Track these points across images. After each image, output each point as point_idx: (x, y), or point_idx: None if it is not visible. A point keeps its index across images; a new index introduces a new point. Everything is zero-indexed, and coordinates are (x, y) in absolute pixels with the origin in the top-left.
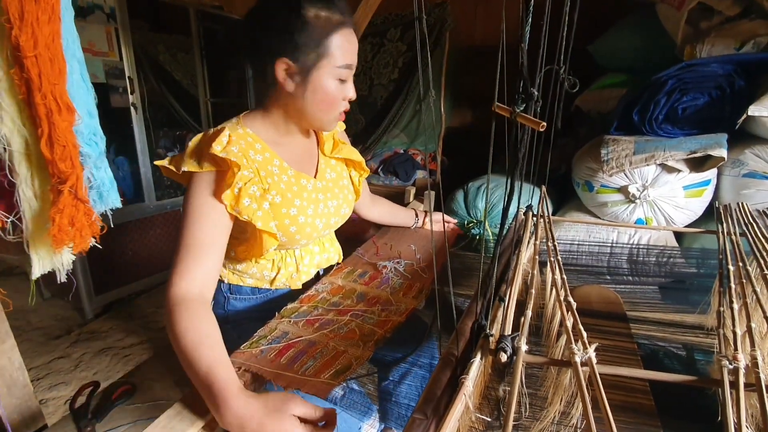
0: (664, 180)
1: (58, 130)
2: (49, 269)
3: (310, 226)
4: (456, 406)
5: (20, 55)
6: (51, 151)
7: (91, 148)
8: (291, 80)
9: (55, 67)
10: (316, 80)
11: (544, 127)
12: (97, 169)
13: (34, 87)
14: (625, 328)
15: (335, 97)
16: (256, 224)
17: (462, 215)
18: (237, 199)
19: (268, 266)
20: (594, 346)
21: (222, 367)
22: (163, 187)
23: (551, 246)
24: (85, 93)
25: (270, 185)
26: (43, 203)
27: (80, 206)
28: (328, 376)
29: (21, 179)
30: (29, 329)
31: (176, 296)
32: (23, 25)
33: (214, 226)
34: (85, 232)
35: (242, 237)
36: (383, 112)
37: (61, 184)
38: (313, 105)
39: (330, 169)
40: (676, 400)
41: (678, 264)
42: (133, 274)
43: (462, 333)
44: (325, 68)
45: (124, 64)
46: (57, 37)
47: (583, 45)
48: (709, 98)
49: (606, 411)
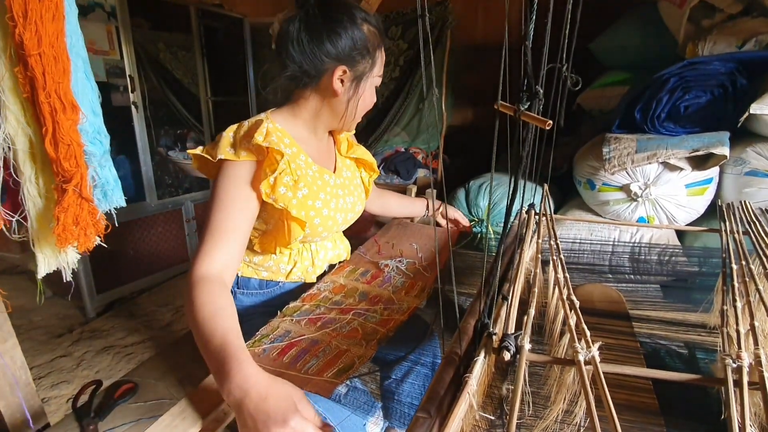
0: (666, 178)
1: (62, 129)
2: (54, 268)
3: (331, 219)
4: (460, 405)
5: (24, 54)
6: (55, 150)
7: (95, 146)
8: (342, 85)
9: (60, 65)
10: (363, 87)
11: (550, 125)
12: (102, 167)
13: (38, 85)
14: (627, 327)
15: (371, 103)
16: (291, 212)
17: (463, 213)
18: (273, 187)
19: (285, 259)
20: (597, 344)
21: (236, 336)
22: (164, 186)
23: (554, 244)
24: (89, 91)
25: (299, 177)
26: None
27: (85, 205)
28: (331, 375)
29: (25, 178)
30: (31, 328)
31: (196, 275)
32: (27, 23)
33: (241, 214)
34: (90, 231)
35: (265, 228)
36: (384, 110)
37: (66, 183)
38: (354, 109)
39: (345, 168)
40: (680, 399)
41: (680, 262)
42: (134, 272)
43: (465, 331)
44: (371, 78)
45: (125, 62)
46: (61, 35)
47: (584, 43)
48: (712, 96)
49: (610, 409)
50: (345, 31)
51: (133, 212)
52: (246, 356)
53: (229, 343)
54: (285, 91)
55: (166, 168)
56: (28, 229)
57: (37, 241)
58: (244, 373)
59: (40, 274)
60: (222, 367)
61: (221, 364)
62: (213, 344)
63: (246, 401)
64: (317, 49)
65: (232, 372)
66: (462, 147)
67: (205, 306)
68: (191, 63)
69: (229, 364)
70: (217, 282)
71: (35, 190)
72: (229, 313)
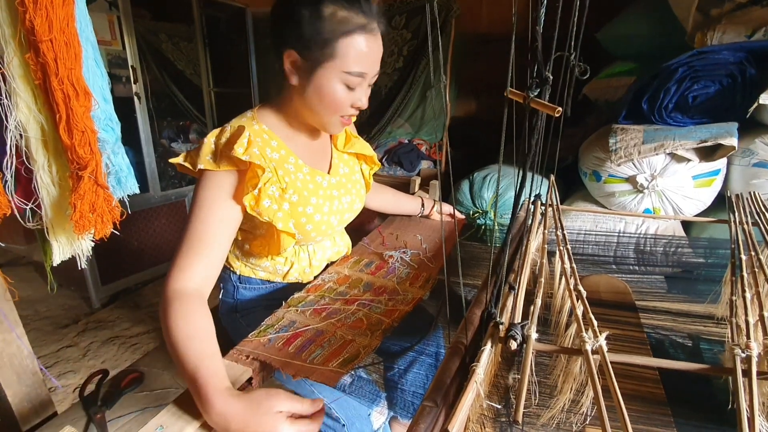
0: (674, 169)
1: (76, 116)
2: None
3: (325, 224)
4: (467, 394)
5: (35, 39)
6: (70, 137)
7: (107, 133)
8: (296, 74)
9: (71, 51)
10: (319, 80)
11: (560, 112)
12: (115, 154)
13: (51, 72)
14: (634, 318)
15: (339, 102)
16: (277, 225)
17: (467, 205)
18: (257, 200)
19: (282, 260)
20: (605, 334)
21: (210, 362)
22: (168, 178)
23: (560, 235)
24: (99, 78)
25: (287, 184)
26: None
27: (100, 192)
28: (336, 365)
29: (38, 166)
30: (37, 318)
31: (173, 290)
32: (37, 8)
33: (221, 224)
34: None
35: (257, 233)
36: (387, 101)
37: (81, 170)
38: (313, 104)
39: (343, 164)
40: (686, 389)
41: (686, 254)
42: (139, 264)
43: (471, 321)
44: (330, 70)
45: (127, 53)
46: (71, 21)
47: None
48: (720, 86)
49: (618, 399)
50: (295, 13)
51: (136, 204)
52: (218, 383)
53: (202, 372)
54: (276, 83)
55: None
56: (42, 218)
57: (51, 229)
58: (219, 408)
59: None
60: (198, 397)
61: (197, 393)
62: (187, 369)
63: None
64: (275, 33)
65: (209, 403)
66: (466, 138)
67: (180, 327)
68: (193, 54)
69: (205, 395)
70: (193, 298)
71: (48, 177)
72: (203, 335)
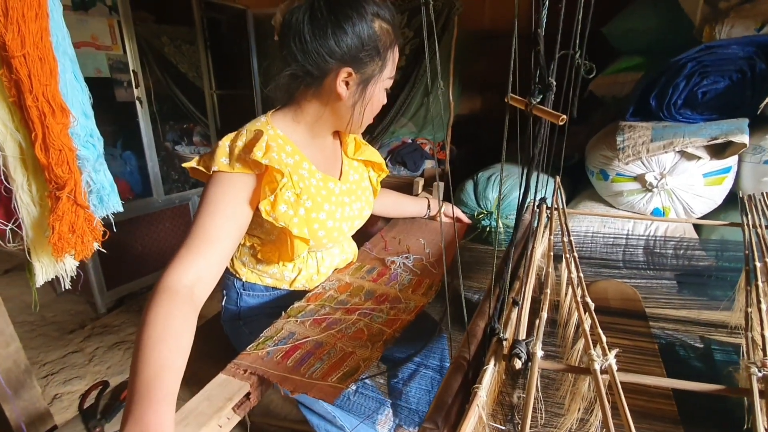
0: (683, 168)
1: (52, 134)
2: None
3: (337, 230)
4: (469, 419)
5: (7, 55)
6: (46, 156)
7: (88, 150)
8: (346, 88)
9: (46, 66)
10: (371, 91)
11: (564, 120)
12: (96, 172)
13: (25, 88)
14: (644, 327)
15: (380, 105)
16: (292, 231)
17: (471, 206)
18: (273, 205)
19: (290, 267)
20: (614, 352)
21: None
22: (171, 181)
23: (566, 241)
24: (79, 93)
25: (302, 190)
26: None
27: (80, 212)
28: (335, 380)
29: (17, 185)
30: (43, 324)
31: (164, 284)
32: (8, 22)
33: (227, 224)
34: (87, 238)
35: (267, 239)
36: (391, 101)
37: (59, 190)
38: (361, 115)
39: (353, 171)
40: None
41: (696, 256)
42: (143, 268)
43: (473, 334)
44: (380, 80)
45: (128, 57)
46: (45, 35)
47: (596, 27)
48: (730, 82)
49: (627, 421)
50: (352, 28)
51: (140, 208)
52: (164, 407)
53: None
54: (288, 90)
55: (173, 163)
56: (23, 238)
57: (33, 250)
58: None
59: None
60: (134, 403)
61: (137, 400)
62: (142, 373)
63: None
64: (320, 48)
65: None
66: (470, 137)
67: (155, 326)
68: (195, 56)
69: (142, 407)
70: (182, 297)
71: (28, 197)
72: (174, 343)
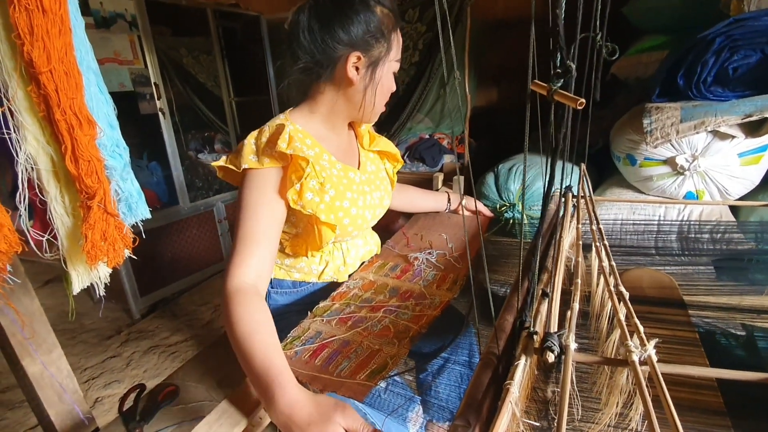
0: (717, 148)
1: (81, 145)
2: (88, 284)
3: (361, 218)
4: (502, 417)
5: (35, 71)
6: (76, 167)
7: (115, 160)
8: (356, 72)
9: (71, 80)
10: (380, 73)
11: (583, 104)
12: (124, 180)
13: (53, 103)
14: (683, 316)
15: (390, 89)
16: (320, 217)
17: (493, 199)
18: (300, 194)
19: (316, 260)
20: (653, 342)
21: (278, 355)
22: (195, 189)
23: (595, 229)
24: (104, 104)
25: (324, 179)
26: (75, 219)
27: (110, 220)
28: (364, 377)
29: (51, 197)
30: (83, 331)
31: (232, 287)
32: (34, 39)
33: (269, 220)
34: (118, 245)
35: (294, 232)
36: (406, 97)
37: (90, 200)
38: (373, 97)
39: (370, 162)
40: (746, 394)
41: (735, 239)
42: (174, 274)
43: (502, 329)
44: (387, 62)
45: (149, 70)
46: (70, 50)
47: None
48: (762, 55)
49: (671, 414)
50: (357, 15)
51: (167, 216)
52: (287, 378)
53: (271, 365)
54: (301, 87)
55: (197, 171)
56: (59, 248)
57: (68, 259)
58: (287, 399)
59: (75, 291)
60: (266, 391)
61: (264, 388)
62: (254, 364)
63: (292, 427)
64: (328, 37)
65: (275, 397)
66: (489, 128)
67: (243, 322)
68: (213, 66)
69: (272, 389)
70: (252, 293)
71: (62, 208)
72: (267, 328)
